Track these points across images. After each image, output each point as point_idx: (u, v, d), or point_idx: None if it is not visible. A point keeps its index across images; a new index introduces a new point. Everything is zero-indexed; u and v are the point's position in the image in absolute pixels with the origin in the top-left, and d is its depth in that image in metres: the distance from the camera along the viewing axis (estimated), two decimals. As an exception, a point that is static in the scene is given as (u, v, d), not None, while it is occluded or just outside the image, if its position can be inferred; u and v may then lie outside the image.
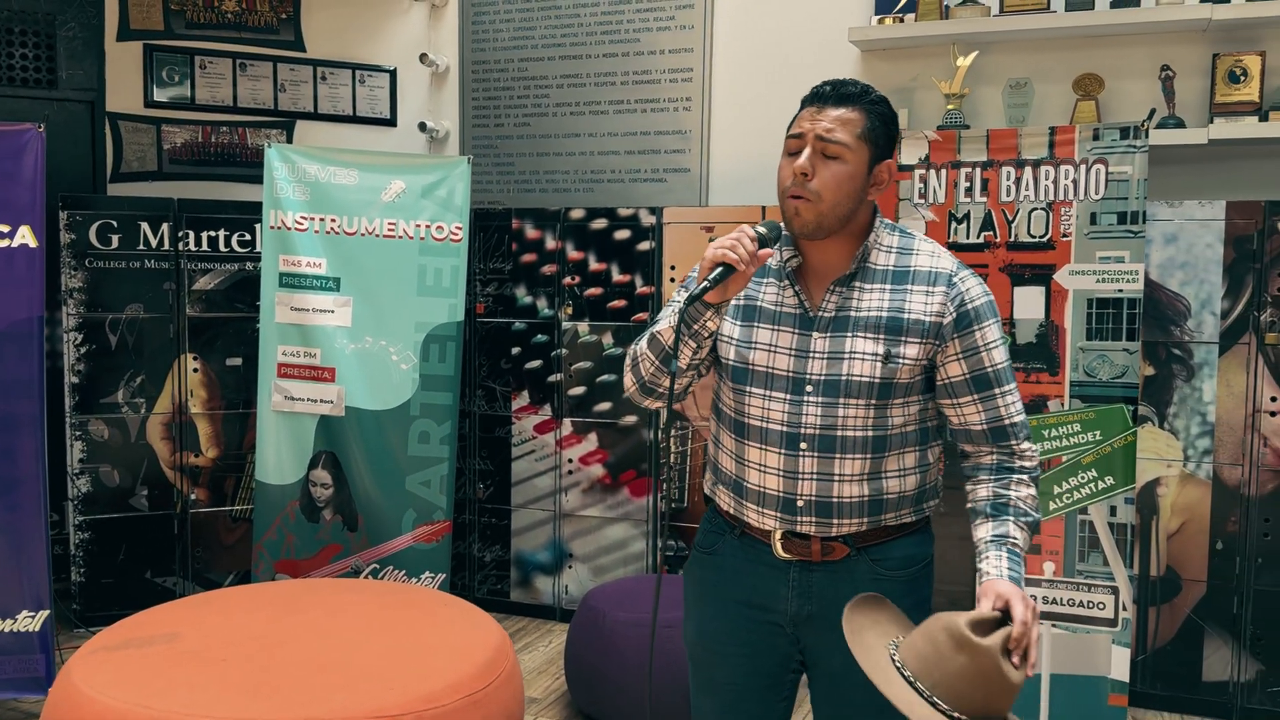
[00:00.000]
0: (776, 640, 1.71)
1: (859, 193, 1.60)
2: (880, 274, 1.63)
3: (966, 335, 1.61)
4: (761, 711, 1.74)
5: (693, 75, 4.16)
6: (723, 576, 1.73)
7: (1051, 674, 2.84)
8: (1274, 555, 3.19)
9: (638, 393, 1.72)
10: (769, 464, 1.65)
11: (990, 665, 1.34)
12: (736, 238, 1.54)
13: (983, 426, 1.63)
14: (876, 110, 1.61)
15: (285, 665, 2.54)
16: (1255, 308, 3.17)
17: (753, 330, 1.67)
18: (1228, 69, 3.39)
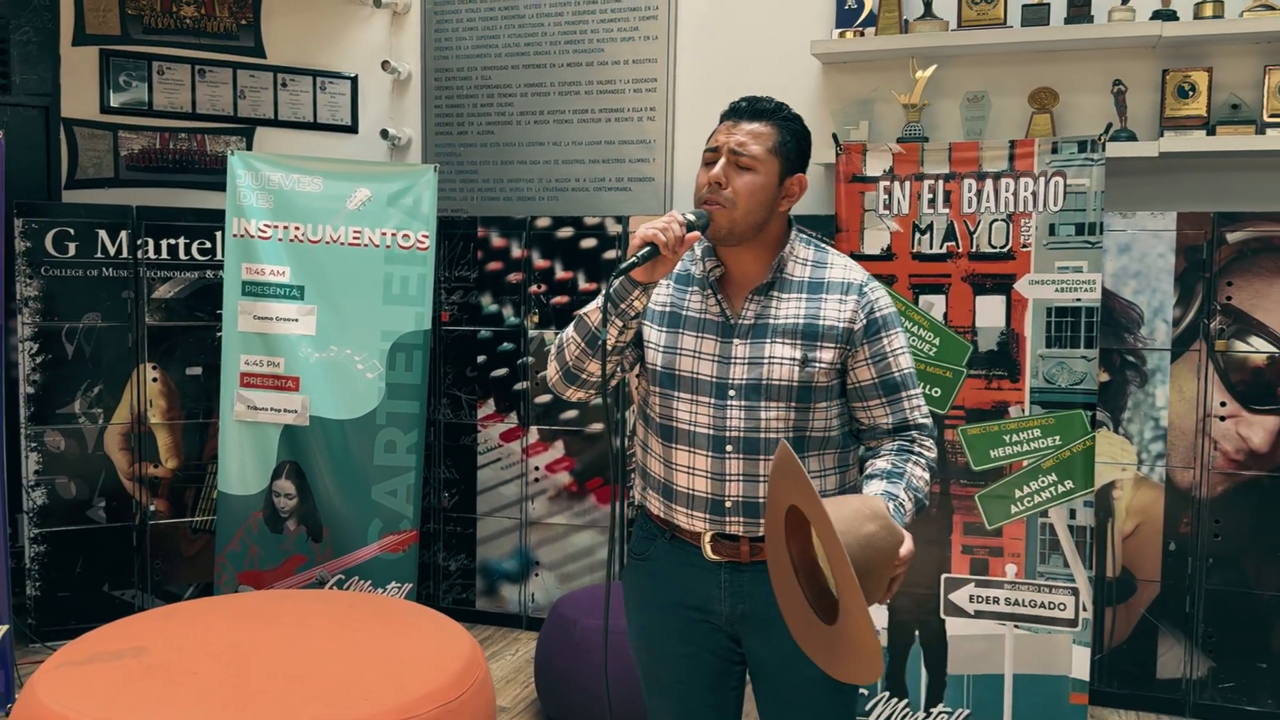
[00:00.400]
0: (716, 638, 1.76)
1: (771, 203, 1.68)
2: (796, 284, 1.71)
3: (875, 342, 1.70)
4: (714, 703, 1.79)
5: (656, 85, 4.19)
6: (657, 581, 1.78)
7: (1014, 674, 2.91)
8: (1224, 556, 3.29)
9: (561, 380, 1.77)
10: (697, 466, 1.71)
11: (891, 544, 1.45)
12: (666, 222, 1.60)
13: (889, 426, 1.72)
14: (789, 126, 1.70)
15: (257, 677, 2.52)
16: (1205, 315, 3.27)
17: (678, 337, 1.73)
18: (1177, 84, 3.49)
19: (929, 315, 2.96)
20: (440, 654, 2.74)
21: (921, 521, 3.00)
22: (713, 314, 1.72)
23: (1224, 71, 3.52)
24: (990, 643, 2.92)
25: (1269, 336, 3.22)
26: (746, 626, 1.74)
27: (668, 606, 1.78)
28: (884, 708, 3.02)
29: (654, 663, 1.83)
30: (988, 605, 2.92)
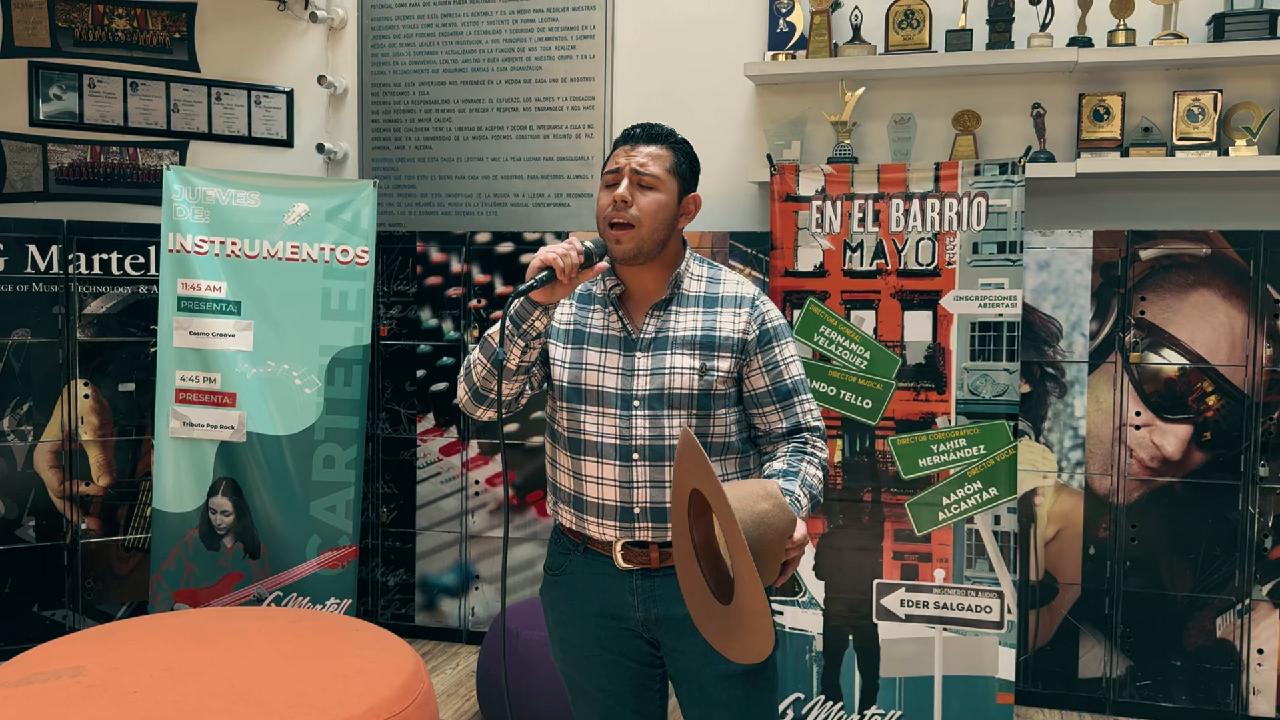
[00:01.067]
0: (634, 644, 1.83)
1: (672, 221, 1.78)
2: (693, 299, 1.81)
3: (768, 351, 1.81)
4: (637, 707, 1.86)
5: (594, 103, 4.26)
6: (574, 594, 1.84)
7: (944, 675, 3.01)
8: (1140, 559, 3.45)
9: (470, 401, 1.83)
10: (605, 476, 1.78)
11: (784, 522, 1.53)
12: (565, 250, 1.67)
13: (784, 430, 1.82)
14: (681, 149, 1.84)
15: (200, 696, 2.51)
16: (1120, 329, 3.43)
17: (583, 353, 1.80)
18: (1093, 108, 3.66)
19: (860, 330, 3.06)
20: (383, 669, 2.76)
21: (854, 529, 3.10)
22: (615, 330, 1.81)
23: (1136, 96, 3.70)
24: (921, 645, 3.02)
25: (1180, 349, 3.39)
26: (663, 629, 1.81)
27: (586, 618, 1.85)
28: (820, 711, 3.10)
29: (577, 673, 1.88)
30: (918, 609, 3.03)
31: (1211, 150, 3.54)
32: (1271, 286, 3.33)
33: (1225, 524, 3.38)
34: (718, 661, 1.78)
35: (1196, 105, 3.57)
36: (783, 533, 1.53)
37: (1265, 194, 3.63)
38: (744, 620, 1.50)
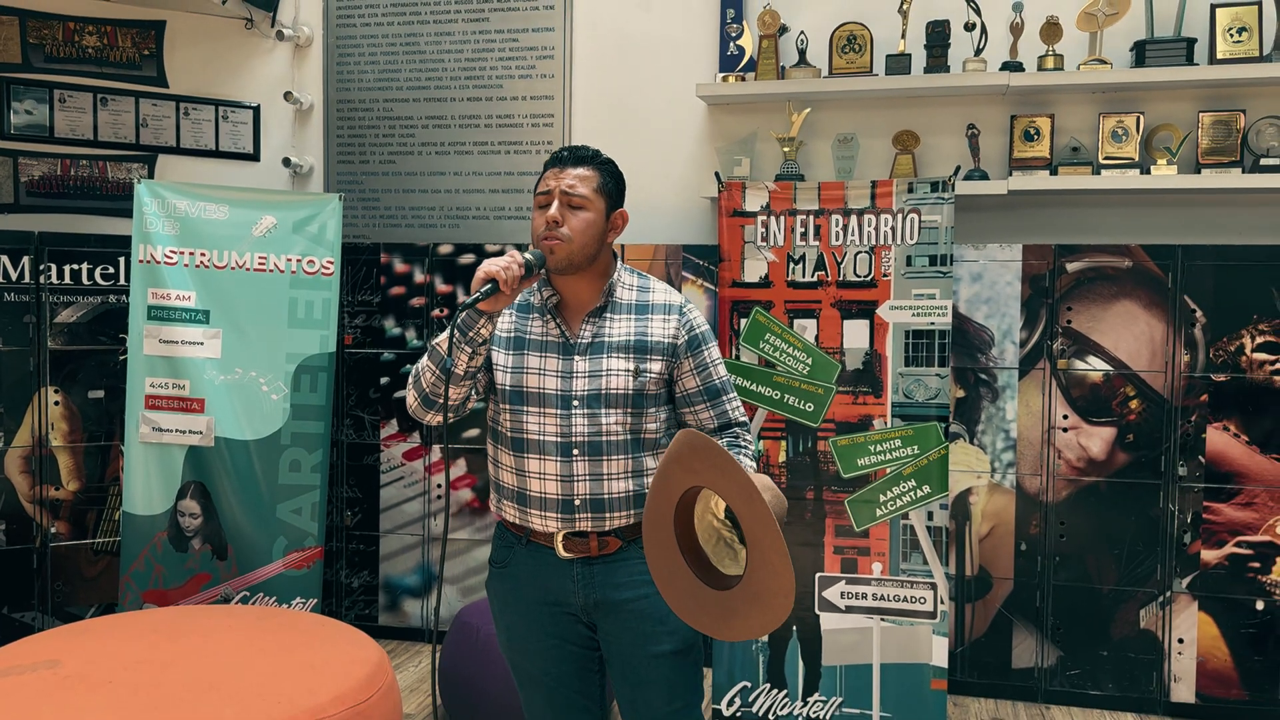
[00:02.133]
0: (575, 629, 1.99)
1: (601, 236, 1.94)
2: (625, 307, 1.98)
3: (697, 354, 1.99)
4: (580, 689, 2.01)
5: (554, 121, 4.42)
6: (518, 584, 1.99)
7: (882, 663, 3.19)
8: (1069, 554, 3.65)
9: (420, 406, 1.96)
10: (547, 472, 1.93)
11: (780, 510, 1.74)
12: (507, 263, 1.82)
13: (715, 426, 2.00)
14: (607, 169, 1.97)
15: (172, 686, 2.63)
16: (1049, 337, 3.64)
17: (524, 358, 1.96)
18: (1024, 129, 3.88)
19: (803, 337, 3.25)
20: (348, 661, 2.88)
21: (797, 525, 3.27)
22: (554, 336, 1.96)
23: (1065, 118, 3.92)
24: (860, 635, 3.20)
25: (1104, 356, 3.60)
26: (600, 613, 1.96)
27: (531, 605, 1.99)
28: (765, 699, 3.27)
29: (522, 659, 2.03)
30: (857, 600, 3.21)
31: (1134, 169, 3.76)
32: (1189, 297, 3.55)
33: (1147, 521, 3.59)
34: (650, 643, 1.93)
35: (1120, 126, 3.80)
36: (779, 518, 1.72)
37: (1184, 210, 3.86)
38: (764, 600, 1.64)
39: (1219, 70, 3.67)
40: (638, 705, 1.98)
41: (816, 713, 3.24)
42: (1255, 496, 3.51)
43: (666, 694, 1.95)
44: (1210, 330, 3.53)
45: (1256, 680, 3.53)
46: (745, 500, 1.64)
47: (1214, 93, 3.81)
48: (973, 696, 3.74)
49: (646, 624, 1.94)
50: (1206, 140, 3.74)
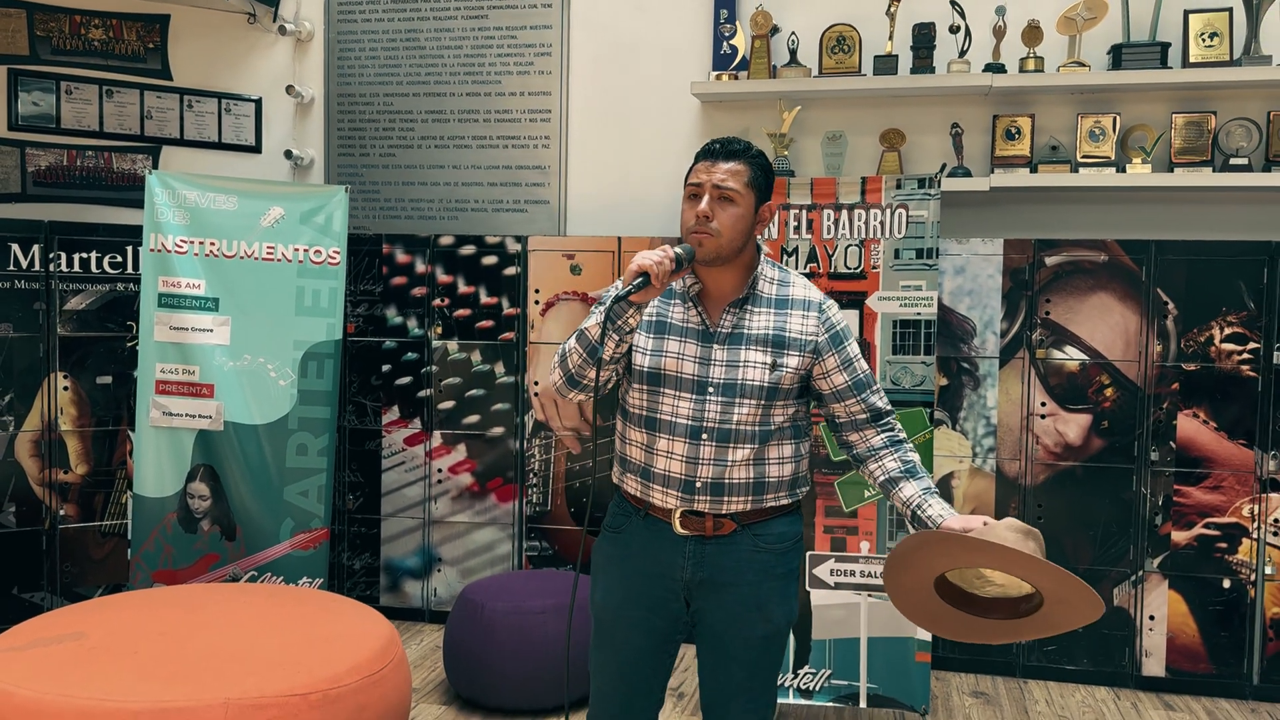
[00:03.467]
0: (670, 605, 2.06)
1: (749, 230, 2.01)
2: (766, 300, 2.04)
3: (841, 351, 2.05)
4: (654, 665, 2.09)
5: (551, 116, 4.55)
6: (629, 551, 2.08)
7: (869, 637, 3.35)
8: (1047, 535, 3.79)
9: (564, 384, 2.07)
10: (675, 451, 2.02)
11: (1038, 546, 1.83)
12: (660, 258, 1.90)
13: (866, 415, 2.06)
14: (757, 162, 2.03)
15: (195, 655, 2.76)
16: (1028, 328, 3.81)
17: (663, 342, 2.04)
18: (1005, 128, 4.04)
19: (795, 327, 3.39)
20: (361, 634, 3.01)
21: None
22: (694, 323, 2.04)
23: (1044, 117, 4.09)
24: (848, 610, 3.36)
25: (1081, 346, 3.77)
26: (702, 590, 2.04)
27: (634, 574, 2.08)
28: (758, 671, 3.42)
29: (610, 620, 2.11)
30: (846, 578, 3.36)
31: (1111, 167, 3.93)
32: (1161, 290, 3.72)
33: (1121, 504, 3.76)
34: (744, 627, 2.02)
35: (1098, 126, 3.96)
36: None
37: (1157, 207, 4.04)
38: (1070, 604, 1.80)
39: (1191, 73, 3.84)
40: (719, 676, 2.07)
41: (807, 684, 3.40)
42: (1223, 480, 3.69)
43: (749, 671, 2.05)
44: (1181, 322, 3.70)
45: (1223, 655, 3.71)
46: (1008, 563, 1.77)
47: (1186, 95, 3.98)
48: (954, 672, 3.91)
49: (745, 609, 2.02)
50: (1179, 140, 3.91)
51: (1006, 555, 1.75)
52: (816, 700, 3.39)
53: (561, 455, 4.21)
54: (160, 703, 2.49)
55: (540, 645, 3.36)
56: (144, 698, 2.50)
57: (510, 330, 4.22)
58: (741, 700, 2.06)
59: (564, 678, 2.83)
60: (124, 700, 2.49)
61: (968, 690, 3.75)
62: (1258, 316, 3.65)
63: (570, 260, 4.16)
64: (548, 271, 4.18)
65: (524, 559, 4.27)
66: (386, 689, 2.89)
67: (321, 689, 2.69)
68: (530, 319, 4.20)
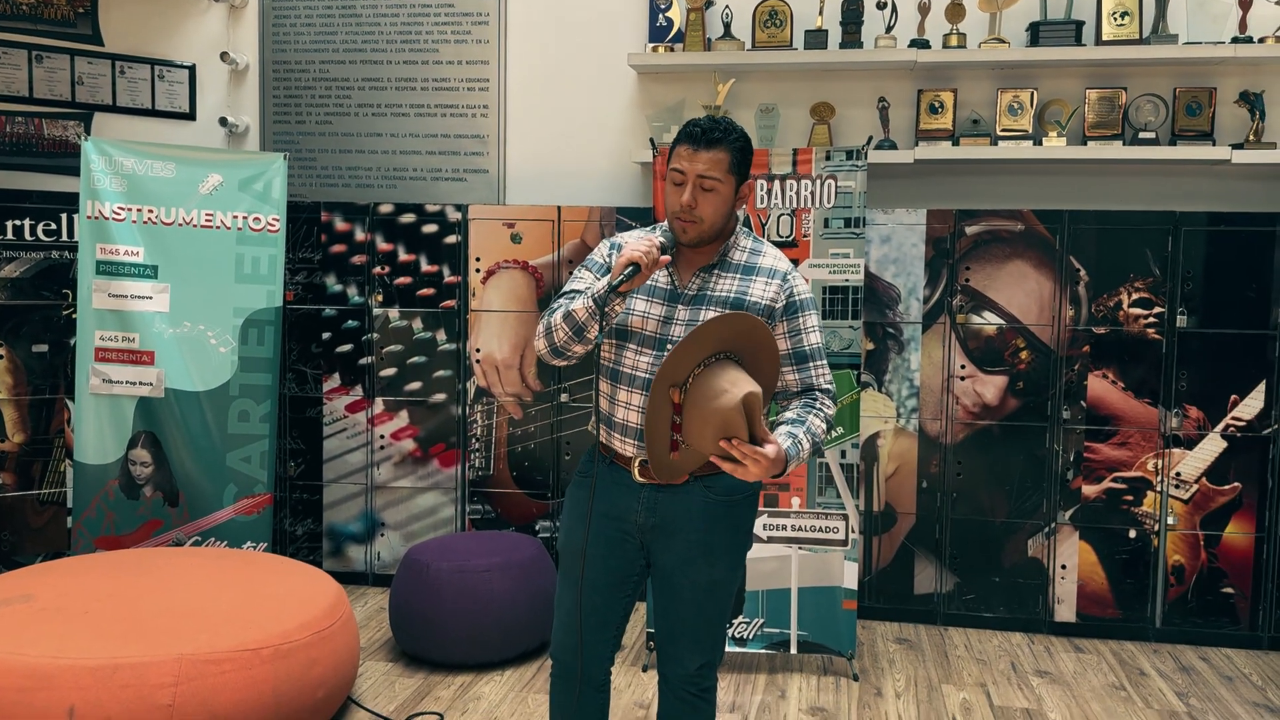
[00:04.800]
0: (625, 546, 2.20)
1: (731, 211, 2.14)
2: (735, 267, 2.16)
3: (792, 320, 2.15)
4: (606, 603, 2.22)
5: (489, 85, 4.60)
6: (596, 495, 2.20)
7: (799, 587, 3.52)
8: (965, 490, 4.03)
9: (550, 354, 2.18)
10: (633, 403, 2.14)
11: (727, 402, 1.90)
12: (647, 248, 2.01)
13: (798, 388, 2.18)
14: (737, 146, 2.11)
15: (147, 614, 2.82)
16: (949, 294, 3.99)
17: (634, 300, 2.16)
18: (929, 102, 4.20)
19: (729, 293, 3.53)
20: (309, 593, 3.10)
21: (724, 466, 3.57)
22: (664, 284, 2.16)
23: (966, 92, 4.26)
24: (780, 563, 3.52)
25: (998, 311, 3.96)
26: (655, 535, 2.16)
27: (598, 516, 2.20)
28: (694, 623, 3.58)
29: (573, 558, 2.23)
30: (778, 532, 3.53)
31: (1028, 140, 4.11)
32: (1074, 257, 3.93)
33: (1034, 460, 3.98)
34: (692, 570, 2.15)
35: (1016, 101, 4.14)
36: (724, 412, 1.89)
37: (1071, 179, 4.24)
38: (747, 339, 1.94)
39: (1104, 51, 4.04)
40: (669, 615, 2.20)
41: (741, 633, 3.56)
42: (1130, 437, 3.93)
43: (695, 611, 2.18)
44: (1092, 288, 3.92)
45: (1129, 600, 3.97)
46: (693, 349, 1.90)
47: (1099, 71, 4.18)
48: (879, 620, 4.11)
49: (693, 554, 2.14)
50: (1092, 115, 4.11)
51: (687, 345, 1.89)
52: (750, 648, 3.56)
53: (504, 420, 4.30)
54: (114, 659, 2.56)
55: (485, 602, 3.47)
56: (97, 654, 2.56)
57: (451, 298, 4.29)
58: (687, 640, 2.20)
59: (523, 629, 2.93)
60: (77, 658, 2.55)
61: (892, 637, 3.95)
62: (1163, 282, 3.87)
63: (510, 229, 4.24)
64: (488, 240, 4.25)
65: (467, 522, 4.36)
66: (336, 644, 2.99)
67: (273, 644, 2.78)
68: (471, 287, 4.28)
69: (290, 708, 2.78)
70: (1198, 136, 4.06)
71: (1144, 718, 3.28)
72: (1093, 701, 3.39)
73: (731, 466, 1.92)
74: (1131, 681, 3.57)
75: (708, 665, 2.23)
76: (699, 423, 1.93)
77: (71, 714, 2.49)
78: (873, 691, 3.44)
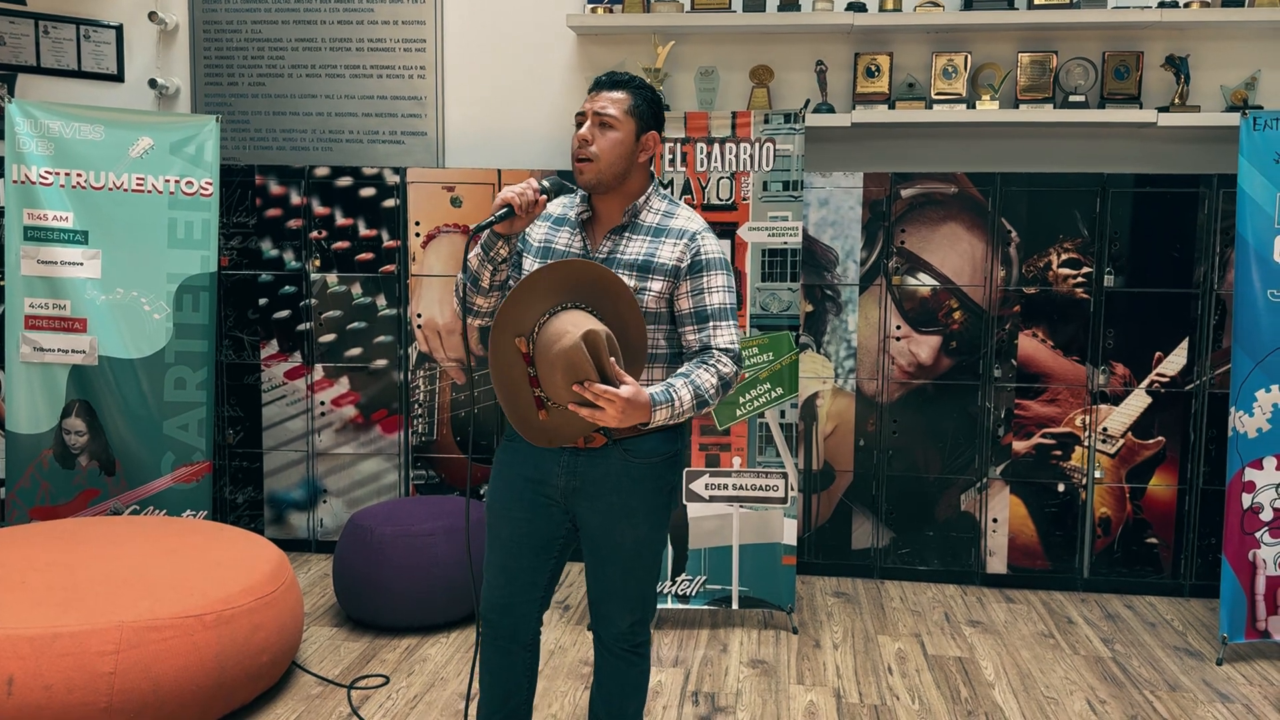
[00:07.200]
0: (549, 510, 2.21)
1: (630, 156, 2.12)
2: (646, 229, 2.17)
3: (697, 279, 2.15)
4: (534, 563, 2.25)
5: (426, 46, 4.54)
6: (517, 459, 2.22)
7: (740, 544, 3.59)
8: (900, 448, 4.13)
9: (462, 312, 2.19)
10: None
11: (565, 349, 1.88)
12: (522, 190, 2.04)
13: (697, 347, 2.17)
14: (641, 93, 2.14)
15: (86, 583, 2.79)
16: (885, 257, 4.06)
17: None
18: (866, 66, 4.24)
19: (670, 256, 3.55)
20: (251, 559, 3.09)
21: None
22: (576, 248, 2.16)
23: (902, 56, 4.31)
24: (721, 521, 3.59)
25: (932, 273, 4.04)
26: (576, 499, 2.18)
27: (520, 480, 2.21)
28: (638, 581, 3.64)
29: (498, 521, 2.25)
30: (719, 491, 3.59)
31: (962, 104, 4.18)
32: (1005, 219, 4.01)
33: (967, 417, 4.09)
34: (614, 533, 2.17)
35: (951, 65, 4.20)
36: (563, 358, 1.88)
37: (1004, 142, 4.33)
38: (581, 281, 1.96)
39: (1035, 15, 4.11)
40: (598, 576, 2.24)
41: (684, 590, 3.63)
42: (1058, 394, 4.05)
43: (623, 573, 2.21)
44: (1023, 249, 4.01)
45: (1057, 551, 4.11)
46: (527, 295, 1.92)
47: (1031, 35, 4.25)
48: (818, 575, 4.21)
49: (615, 517, 2.17)
50: (1024, 78, 4.19)
51: (520, 292, 1.92)
52: (693, 604, 3.63)
53: (446, 386, 4.30)
54: (53, 628, 2.54)
55: (429, 565, 3.49)
56: (36, 624, 2.54)
57: (391, 263, 4.26)
58: (617, 600, 2.24)
59: (467, 591, 2.96)
60: (14, 627, 2.53)
61: (830, 591, 4.05)
62: (1091, 243, 3.98)
63: (450, 192, 4.22)
64: (428, 203, 4.22)
65: (411, 487, 4.36)
66: (280, 609, 2.99)
67: (216, 610, 2.78)
68: (411, 251, 4.25)
69: (234, 673, 2.78)
70: (1126, 100, 4.16)
71: (1071, 664, 3.41)
72: (1023, 649, 3.52)
73: (589, 412, 1.91)
74: (1060, 629, 3.71)
75: (639, 622, 2.27)
76: (547, 370, 1.92)
77: (10, 684, 2.47)
78: (811, 643, 3.53)
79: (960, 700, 3.12)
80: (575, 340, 1.87)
